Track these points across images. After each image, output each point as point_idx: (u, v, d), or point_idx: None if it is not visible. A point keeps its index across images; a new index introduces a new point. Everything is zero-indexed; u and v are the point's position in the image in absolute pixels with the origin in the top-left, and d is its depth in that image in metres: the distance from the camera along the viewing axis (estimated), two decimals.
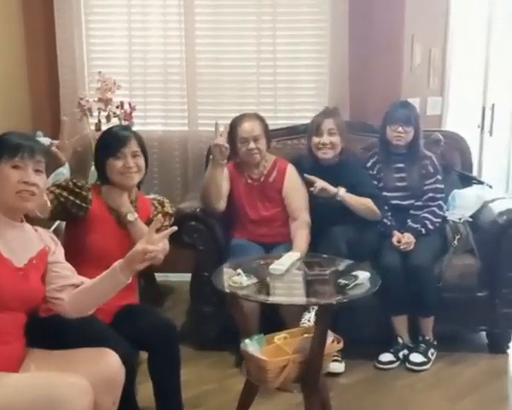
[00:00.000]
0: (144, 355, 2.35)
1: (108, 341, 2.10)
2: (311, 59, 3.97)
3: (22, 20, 3.85)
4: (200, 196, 3.14)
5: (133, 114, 3.76)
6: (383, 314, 3.11)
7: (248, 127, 3.15)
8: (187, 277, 3.27)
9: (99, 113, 3.72)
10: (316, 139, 3.20)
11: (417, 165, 3.29)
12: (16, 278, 1.83)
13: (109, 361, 1.89)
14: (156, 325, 2.30)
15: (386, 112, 3.33)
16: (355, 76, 3.88)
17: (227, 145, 3.03)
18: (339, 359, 3.01)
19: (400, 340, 3.12)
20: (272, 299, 2.26)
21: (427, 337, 3.13)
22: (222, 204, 3.14)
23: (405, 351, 3.11)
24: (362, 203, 3.12)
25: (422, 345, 3.11)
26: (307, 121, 3.68)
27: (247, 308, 2.56)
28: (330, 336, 2.34)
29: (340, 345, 2.37)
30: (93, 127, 3.69)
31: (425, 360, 3.06)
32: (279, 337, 2.36)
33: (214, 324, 3.15)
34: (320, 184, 3.05)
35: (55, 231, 2.42)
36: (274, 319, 2.73)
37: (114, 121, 3.70)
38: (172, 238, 3.10)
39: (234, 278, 2.28)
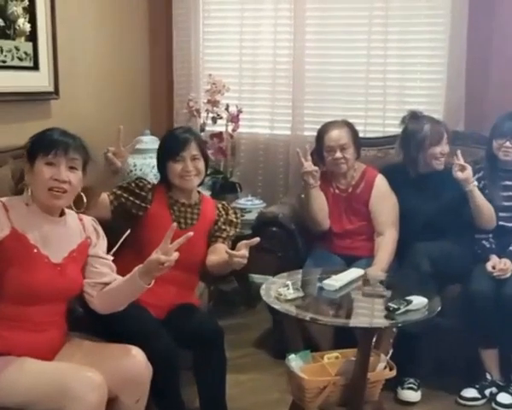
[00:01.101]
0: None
1: (152, 335, 2.18)
2: (425, 64, 3.73)
3: (147, 24, 4.08)
4: (307, 220, 3.07)
5: (240, 116, 3.82)
6: (472, 345, 2.84)
7: (335, 135, 3.04)
8: None
9: (207, 114, 3.84)
10: (437, 149, 3.00)
11: None
12: (53, 273, 1.91)
13: (134, 360, 1.94)
14: (203, 328, 2.33)
15: (493, 124, 3.03)
16: (473, 84, 3.57)
17: (317, 168, 2.94)
18: (414, 387, 2.81)
19: (489, 376, 2.82)
20: (303, 315, 2.15)
21: None
22: (328, 222, 3.06)
23: (493, 389, 2.81)
24: (487, 204, 2.89)
25: None
26: None
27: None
28: (383, 362, 2.20)
29: (393, 373, 2.21)
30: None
31: None
32: (330, 356, 2.26)
33: (290, 331, 3.08)
34: (468, 172, 2.85)
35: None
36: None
37: (220, 123, 3.83)
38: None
39: (280, 290, 2.23)
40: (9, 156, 2.48)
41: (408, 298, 2.15)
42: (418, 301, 2.15)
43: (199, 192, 2.61)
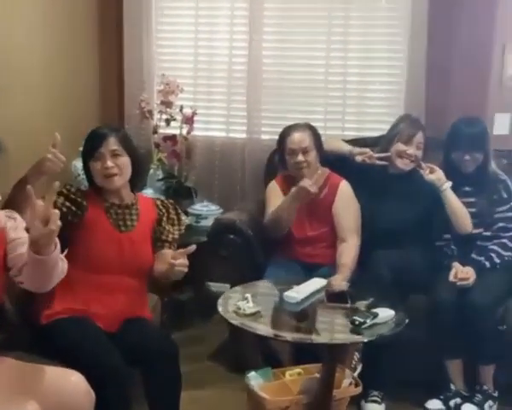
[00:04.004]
0: None
1: (101, 354, 2.04)
2: (385, 67, 3.67)
3: (96, 21, 3.87)
4: (269, 225, 2.93)
5: (194, 118, 3.67)
6: (435, 356, 2.76)
7: (297, 138, 2.94)
8: None
9: (160, 116, 3.68)
10: (402, 147, 2.96)
11: (488, 189, 2.91)
12: None
13: (73, 387, 1.79)
14: (156, 345, 2.18)
15: (449, 131, 2.97)
16: (433, 87, 3.52)
17: (316, 190, 2.81)
18: (378, 400, 2.71)
19: (453, 387, 2.76)
20: (264, 331, 2.00)
21: (485, 387, 2.73)
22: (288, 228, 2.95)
23: (458, 400, 2.74)
24: (462, 205, 2.84)
25: (479, 395, 2.72)
26: (377, 134, 3.45)
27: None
28: (348, 378, 2.08)
29: (359, 389, 2.11)
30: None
31: None
32: (292, 373, 2.14)
33: (248, 345, 2.94)
34: (438, 174, 2.84)
35: None
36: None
37: (174, 125, 3.67)
38: (210, 250, 3.08)
39: (239, 303, 2.09)
40: None
41: (374, 311, 2.04)
42: (384, 313, 2.05)
43: (133, 192, 2.42)
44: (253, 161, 3.75)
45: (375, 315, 2.01)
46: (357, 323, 1.97)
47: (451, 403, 2.74)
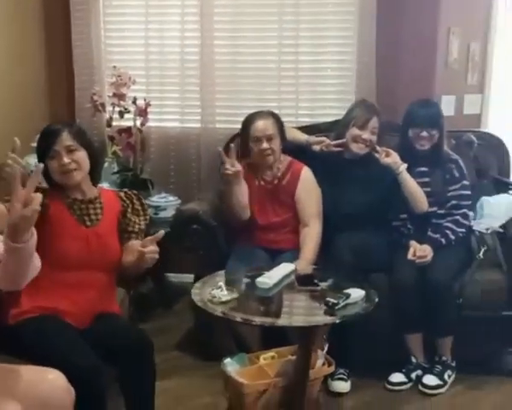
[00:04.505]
0: None
1: (74, 352, 2.01)
2: (336, 53, 3.74)
3: (42, 12, 3.77)
4: (225, 212, 2.97)
5: (148, 110, 3.65)
6: (396, 331, 2.86)
7: (261, 126, 2.97)
8: None
9: (113, 108, 3.63)
10: (357, 132, 3.02)
11: (442, 169, 3.02)
12: None
13: (53, 384, 1.75)
14: (130, 340, 2.17)
15: (406, 112, 3.08)
16: (383, 72, 3.62)
17: (240, 169, 2.84)
18: (344, 377, 2.80)
19: (414, 360, 2.88)
20: (242, 318, 2.03)
21: (444, 358, 2.87)
22: (247, 212, 2.98)
23: (419, 372, 2.87)
24: (418, 186, 2.94)
25: (438, 366, 2.85)
26: (330, 119, 3.53)
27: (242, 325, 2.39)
28: (321, 358, 2.15)
29: (332, 368, 2.18)
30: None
31: (440, 382, 2.81)
32: (266, 357, 2.18)
33: (218, 333, 2.97)
34: (393, 157, 2.92)
35: None
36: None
37: (128, 117, 3.64)
38: (173, 240, 3.09)
39: (213, 292, 2.11)
40: None
41: (346, 291, 2.10)
42: (356, 293, 2.12)
43: (94, 185, 2.40)
44: (208, 150, 3.76)
45: (348, 296, 2.07)
46: (330, 304, 2.03)
47: (413, 375, 2.86)
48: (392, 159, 2.93)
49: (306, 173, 3.02)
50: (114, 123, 3.65)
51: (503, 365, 3.04)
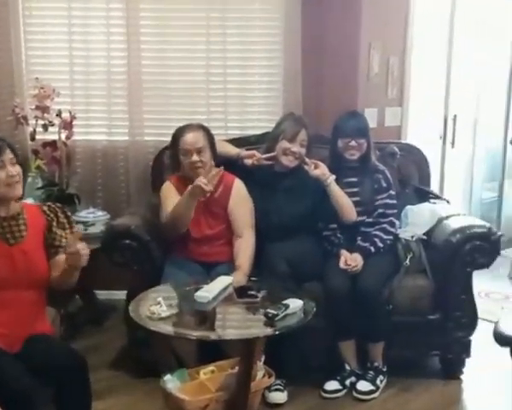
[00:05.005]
0: None
1: (7, 376, 1.94)
2: (264, 67, 3.80)
3: None
4: (168, 225, 2.90)
5: (74, 122, 3.56)
6: (330, 339, 2.93)
7: (191, 139, 2.96)
8: None
9: (36, 121, 3.52)
10: (287, 144, 3.05)
11: (370, 179, 3.12)
12: None
13: None
14: (64, 361, 2.10)
15: (334, 124, 3.16)
16: (309, 85, 3.71)
17: (211, 189, 2.81)
18: (281, 388, 2.82)
19: (347, 367, 2.94)
20: (182, 332, 2.02)
21: (375, 364, 2.95)
22: (188, 226, 2.95)
23: (353, 378, 2.94)
24: (346, 196, 3.00)
25: (371, 372, 2.93)
26: (259, 132, 3.57)
27: (180, 340, 2.36)
28: (261, 370, 2.16)
29: (272, 379, 2.20)
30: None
31: (373, 388, 2.89)
32: (205, 371, 2.17)
33: (150, 349, 2.92)
34: (322, 169, 2.97)
35: None
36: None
37: (52, 130, 3.53)
38: (107, 256, 3.02)
39: (152, 308, 2.08)
40: None
41: (284, 302, 2.13)
42: (294, 304, 2.15)
43: (16, 201, 2.32)
44: (137, 163, 3.72)
45: (287, 306, 2.10)
46: (270, 315, 2.05)
47: (347, 382, 2.92)
48: (321, 171, 3.00)
49: (238, 185, 3.04)
50: (38, 136, 3.54)
51: (430, 367, 3.16)
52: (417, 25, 4.07)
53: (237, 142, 3.53)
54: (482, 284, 3.79)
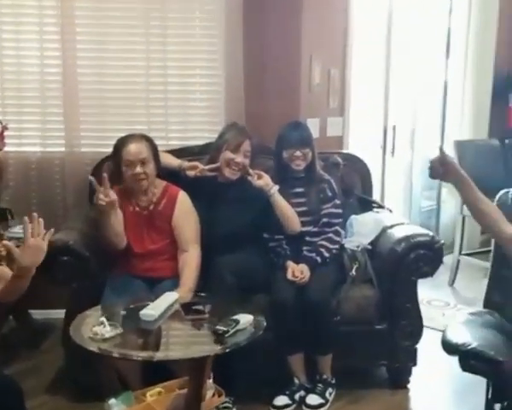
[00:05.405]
0: None
1: None
2: (205, 76, 3.75)
3: None
4: (100, 240, 2.82)
5: (5, 133, 3.37)
6: (278, 353, 2.87)
7: (134, 149, 2.85)
8: None
9: None
10: (230, 155, 3.00)
11: (316, 188, 3.10)
12: None
13: None
14: None
15: (278, 135, 3.13)
16: (251, 96, 3.67)
17: (114, 197, 2.73)
18: (229, 405, 2.73)
19: (296, 381, 2.89)
20: (126, 353, 1.91)
21: (324, 376, 2.91)
22: (124, 241, 2.86)
23: (302, 392, 2.88)
24: (290, 207, 2.97)
25: (320, 385, 2.89)
26: (201, 142, 3.50)
27: (125, 361, 2.24)
28: (211, 389, 2.07)
29: (222, 398, 2.12)
30: None
31: (322, 401, 2.85)
32: (152, 393, 2.07)
33: (91, 371, 2.78)
34: (265, 179, 2.94)
35: None
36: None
37: None
38: (44, 274, 2.86)
39: (95, 329, 1.96)
40: None
41: (234, 317, 2.06)
42: (244, 319, 2.08)
43: None
44: (74, 175, 3.57)
45: (237, 322, 2.02)
46: (220, 332, 1.97)
47: (296, 396, 2.87)
48: (264, 181, 2.96)
49: (183, 198, 2.96)
50: None
51: (377, 377, 3.16)
52: (356, 38, 4.12)
53: (180, 152, 3.44)
54: (423, 291, 3.81)
